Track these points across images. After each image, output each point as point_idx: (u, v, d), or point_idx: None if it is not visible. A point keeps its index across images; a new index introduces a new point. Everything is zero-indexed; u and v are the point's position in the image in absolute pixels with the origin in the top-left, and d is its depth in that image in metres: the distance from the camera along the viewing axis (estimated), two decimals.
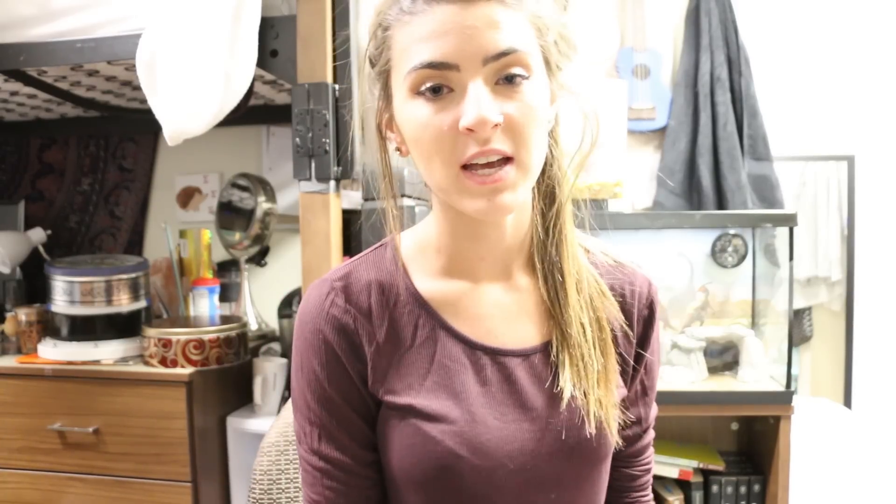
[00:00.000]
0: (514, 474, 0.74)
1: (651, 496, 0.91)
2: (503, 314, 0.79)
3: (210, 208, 2.10)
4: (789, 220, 1.67)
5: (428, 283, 0.79)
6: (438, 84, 0.67)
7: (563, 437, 0.75)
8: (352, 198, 1.49)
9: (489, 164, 0.67)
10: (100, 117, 2.09)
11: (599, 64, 2.07)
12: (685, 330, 1.80)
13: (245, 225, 1.88)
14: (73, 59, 1.41)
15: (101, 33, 1.40)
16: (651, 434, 0.90)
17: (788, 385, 1.64)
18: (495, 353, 0.77)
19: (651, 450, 0.91)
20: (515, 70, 0.67)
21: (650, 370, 0.85)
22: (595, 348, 0.76)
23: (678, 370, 1.73)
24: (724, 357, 1.82)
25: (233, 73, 1.30)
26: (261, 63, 1.37)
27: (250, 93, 1.37)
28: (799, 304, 2.16)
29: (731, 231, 1.80)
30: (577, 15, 2.06)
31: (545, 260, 0.78)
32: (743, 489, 1.76)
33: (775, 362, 1.74)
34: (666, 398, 1.66)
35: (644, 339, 0.83)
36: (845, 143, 2.19)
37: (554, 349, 0.77)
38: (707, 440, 1.95)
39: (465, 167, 0.68)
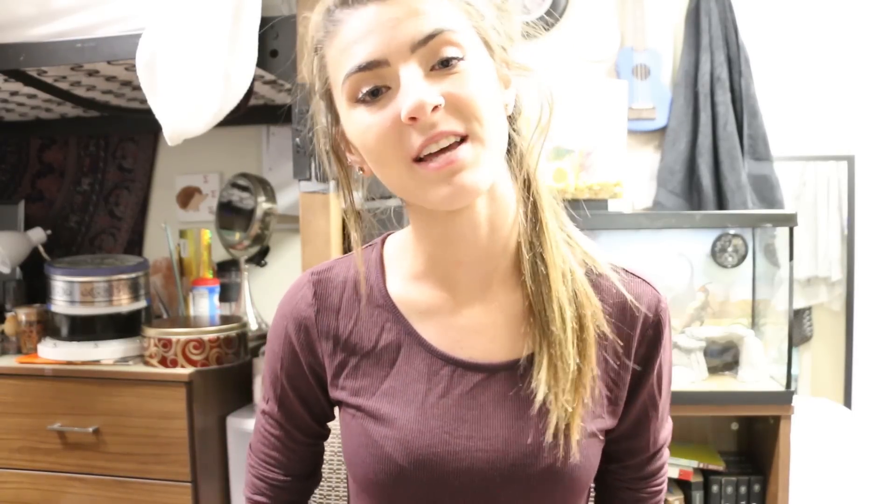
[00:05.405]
0: (459, 493, 0.71)
1: None
2: (476, 326, 0.75)
3: (210, 208, 2.10)
4: (789, 220, 1.67)
5: (402, 287, 0.77)
6: (375, 87, 0.64)
7: (523, 462, 0.70)
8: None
9: (443, 150, 0.63)
10: (100, 117, 2.09)
11: (599, 63, 2.07)
12: (685, 330, 1.79)
13: (245, 225, 1.88)
14: (72, 59, 1.42)
15: (101, 33, 1.40)
16: (664, 455, 0.85)
17: (788, 385, 1.64)
18: (459, 366, 0.73)
19: (664, 472, 0.85)
20: (447, 52, 0.63)
21: (661, 390, 0.80)
22: (573, 347, 0.70)
23: (678, 370, 1.73)
24: (724, 357, 1.82)
25: (233, 73, 1.30)
26: (261, 63, 1.37)
27: (250, 93, 1.37)
28: (799, 304, 2.15)
29: (731, 231, 1.80)
30: (577, 15, 2.06)
31: (530, 253, 0.72)
32: (743, 489, 1.76)
33: (775, 362, 1.74)
34: None
35: (648, 359, 0.77)
36: (845, 143, 2.18)
37: (526, 354, 0.72)
38: (707, 440, 1.95)
39: (419, 160, 0.64)
